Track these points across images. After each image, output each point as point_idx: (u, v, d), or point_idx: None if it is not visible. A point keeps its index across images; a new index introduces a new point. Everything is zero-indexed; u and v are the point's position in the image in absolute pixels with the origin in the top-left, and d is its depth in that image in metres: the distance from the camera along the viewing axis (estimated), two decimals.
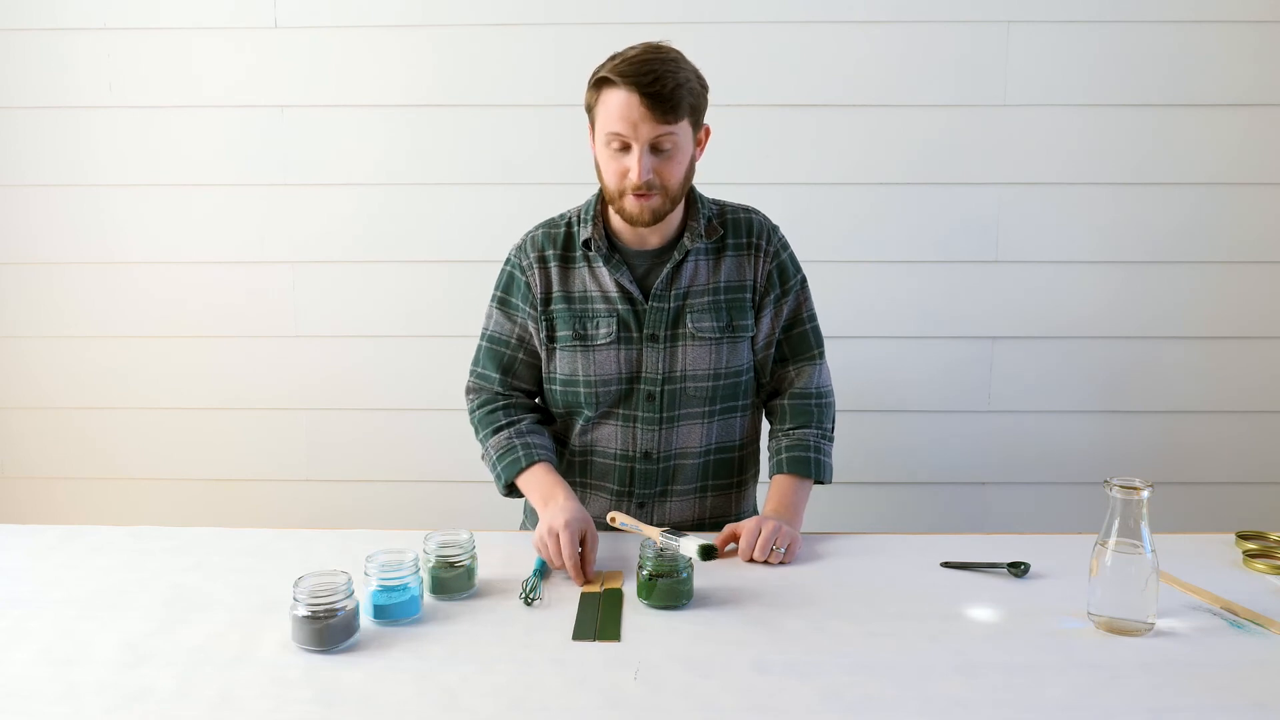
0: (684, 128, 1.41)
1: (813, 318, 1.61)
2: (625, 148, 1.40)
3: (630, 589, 1.27)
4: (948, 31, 2.21)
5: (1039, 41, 2.21)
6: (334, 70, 2.25)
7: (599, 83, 1.41)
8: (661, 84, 1.35)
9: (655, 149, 1.39)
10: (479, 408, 1.59)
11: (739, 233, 1.55)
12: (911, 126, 2.24)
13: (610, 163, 1.42)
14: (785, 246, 1.59)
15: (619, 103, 1.37)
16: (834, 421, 1.63)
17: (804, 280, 1.61)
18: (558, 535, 1.32)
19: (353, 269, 2.32)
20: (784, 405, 1.61)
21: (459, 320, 2.25)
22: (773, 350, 1.59)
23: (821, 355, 1.62)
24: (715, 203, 1.59)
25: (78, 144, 2.29)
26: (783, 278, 1.57)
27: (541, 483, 1.47)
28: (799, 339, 1.60)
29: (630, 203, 1.42)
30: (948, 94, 2.23)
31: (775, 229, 1.59)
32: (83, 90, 2.26)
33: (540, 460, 1.49)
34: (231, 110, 2.27)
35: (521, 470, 1.49)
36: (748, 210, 1.59)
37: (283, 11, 2.23)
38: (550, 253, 1.54)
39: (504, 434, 1.53)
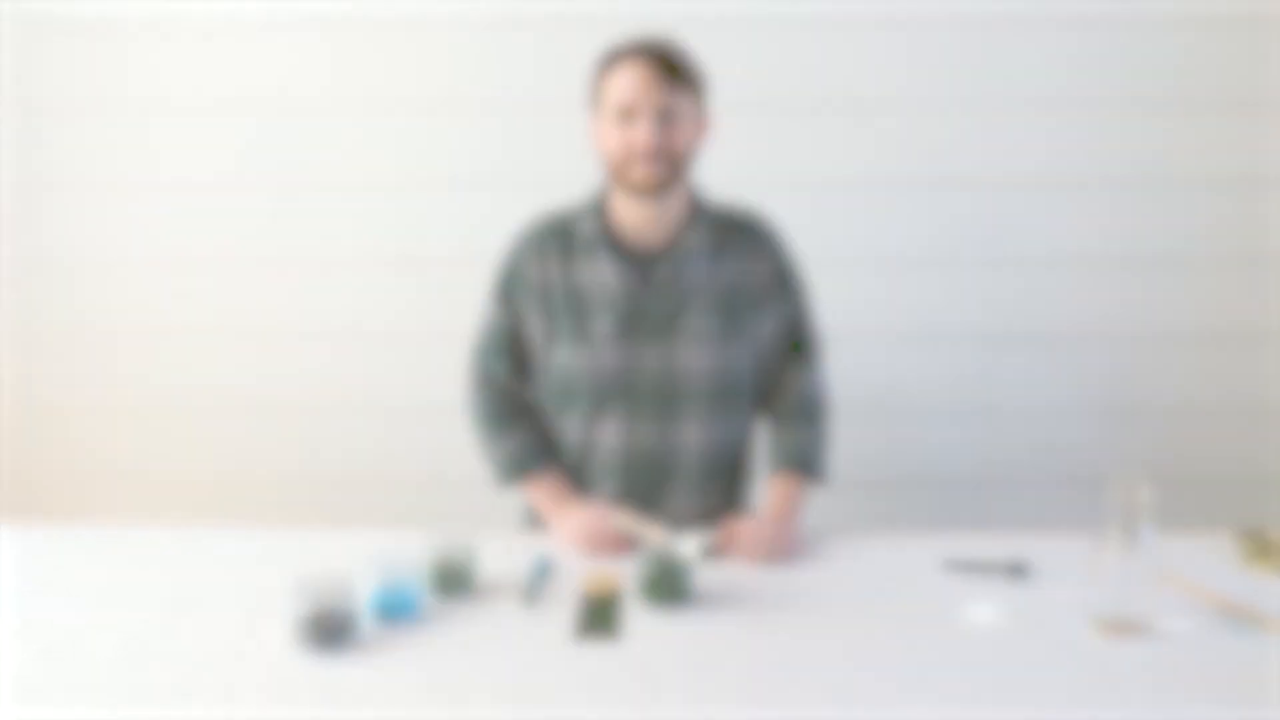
0: (689, 101, 1.46)
1: (813, 319, 1.62)
2: (634, 118, 1.43)
3: (630, 589, 1.28)
4: (948, 31, 2.21)
5: (1038, 41, 2.21)
6: (334, 70, 2.25)
7: (606, 64, 1.47)
8: (668, 52, 1.44)
9: (663, 117, 1.43)
10: (484, 403, 1.61)
11: (741, 233, 1.56)
12: (911, 126, 2.24)
13: (618, 135, 1.44)
14: (787, 248, 1.59)
15: (628, 73, 1.43)
16: (831, 423, 1.63)
17: (805, 282, 1.61)
18: (601, 530, 1.43)
19: (353, 269, 2.32)
20: (783, 406, 1.61)
21: (459, 320, 2.23)
22: (773, 351, 1.59)
23: (821, 356, 1.62)
24: (717, 204, 1.59)
25: (78, 144, 2.28)
26: (784, 279, 1.57)
27: (550, 490, 1.56)
28: (799, 340, 1.60)
29: (638, 170, 1.44)
30: (948, 94, 2.23)
31: (777, 230, 1.59)
32: (84, 91, 2.26)
33: (550, 469, 1.57)
34: (231, 110, 2.27)
35: (533, 479, 1.56)
36: (750, 211, 1.59)
37: (283, 12, 2.23)
38: (550, 245, 1.55)
39: (514, 440, 1.58)
